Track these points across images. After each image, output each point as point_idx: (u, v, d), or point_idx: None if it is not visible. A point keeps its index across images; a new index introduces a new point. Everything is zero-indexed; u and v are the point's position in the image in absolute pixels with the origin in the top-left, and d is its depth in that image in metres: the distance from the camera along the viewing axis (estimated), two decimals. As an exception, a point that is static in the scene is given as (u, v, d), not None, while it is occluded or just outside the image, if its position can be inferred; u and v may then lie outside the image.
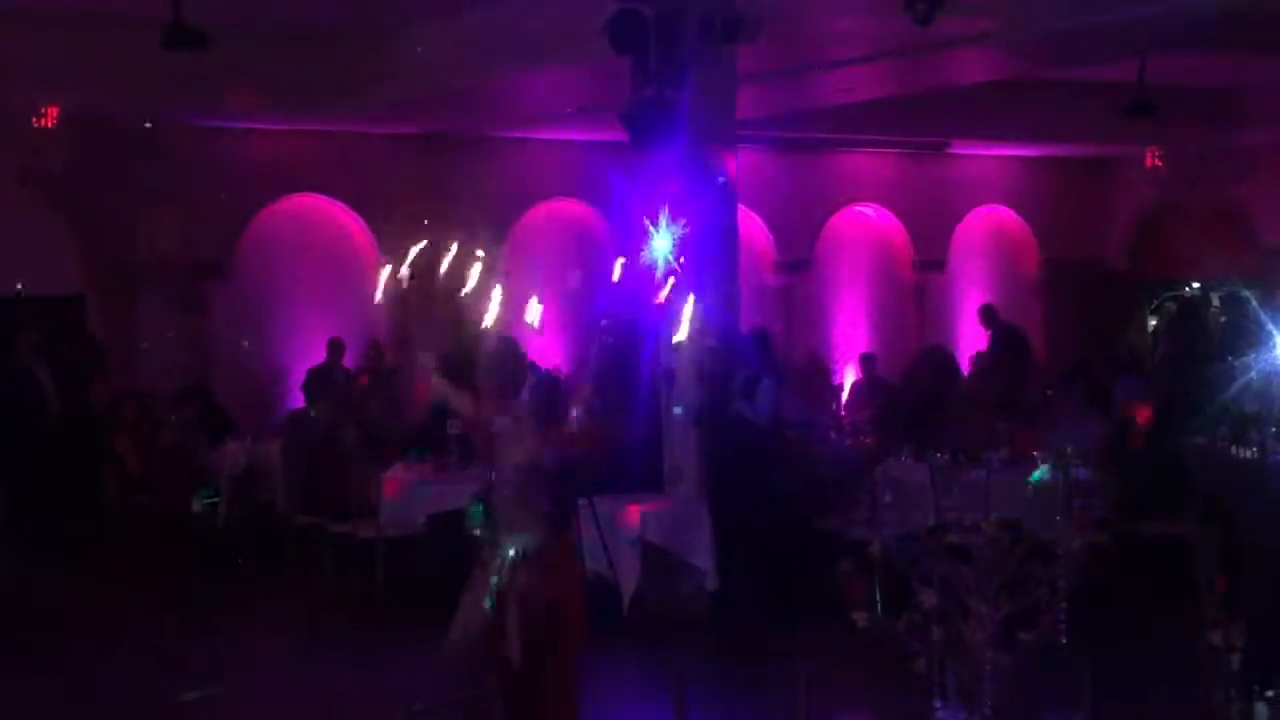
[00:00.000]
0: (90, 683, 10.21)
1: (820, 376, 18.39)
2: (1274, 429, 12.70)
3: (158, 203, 16.47)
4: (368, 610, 12.01)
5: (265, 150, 17.22)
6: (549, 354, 17.35)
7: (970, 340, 20.62)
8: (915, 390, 15.11)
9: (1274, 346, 14.58)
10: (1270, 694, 6.51)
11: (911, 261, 21.76)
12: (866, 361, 18.58)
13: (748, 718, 5.36)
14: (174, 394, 15.58)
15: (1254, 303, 18.79)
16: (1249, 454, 12.32)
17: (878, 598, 3.97)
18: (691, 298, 8.43)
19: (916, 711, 4.23)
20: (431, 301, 7.52)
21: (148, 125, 15.98)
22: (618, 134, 12.59)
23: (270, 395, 16.81)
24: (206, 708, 9.58)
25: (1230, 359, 14.65)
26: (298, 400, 16.15)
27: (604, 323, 11.46)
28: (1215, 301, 21.37)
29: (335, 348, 16.75)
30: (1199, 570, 8.31)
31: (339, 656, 11.00)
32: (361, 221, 18.00)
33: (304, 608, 12.62)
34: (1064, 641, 3.93)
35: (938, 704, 4.02)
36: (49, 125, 15.12)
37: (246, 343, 17.07)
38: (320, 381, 15.98)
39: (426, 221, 17.84)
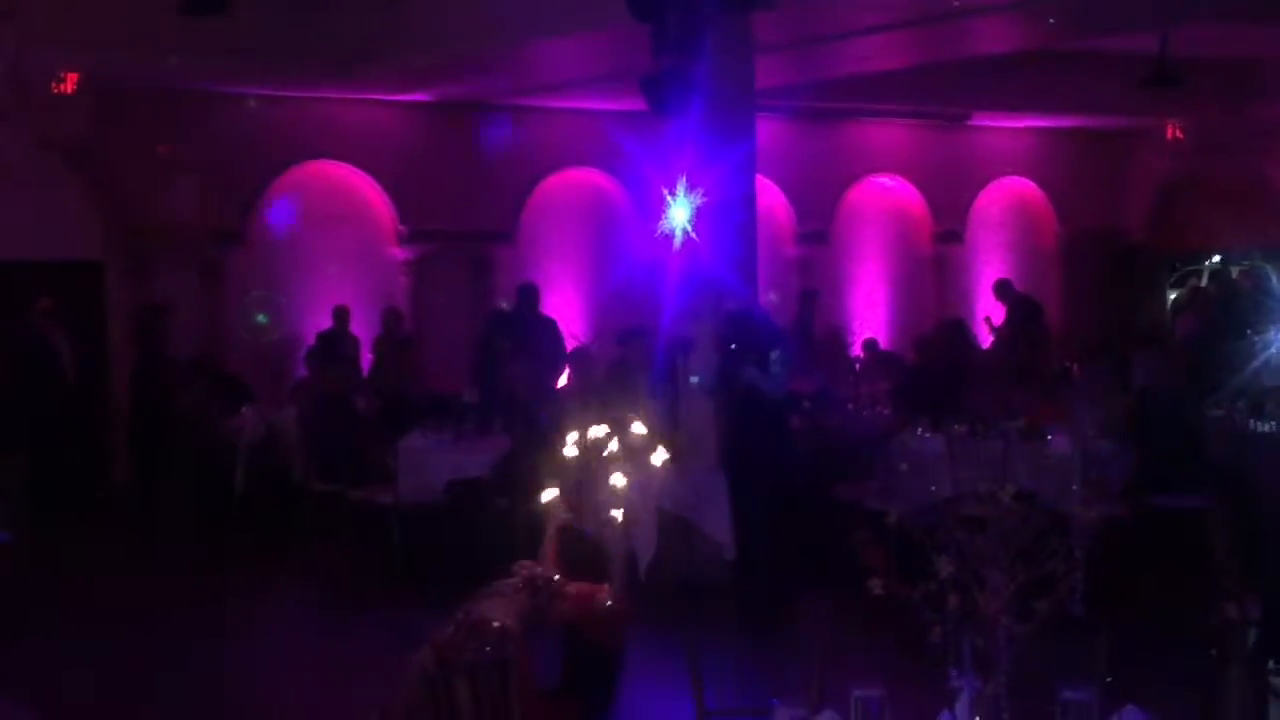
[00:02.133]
0: (107, 650, 10.25)
1: (837, 348, 18.37)
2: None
3: (175, 169, 16.49)
4: (385, 577, 12.04)
5: (283, 117, 17.23)
6: (573, 326, 17.38)
7: (988, 312, 20.57)
8: (932, 362, 15.11)
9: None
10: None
11: (931, 233, 21.71)
12: (868, 346, 18.36)
13: (763, 685, 5.37)
14: (190, 361, 15.65)
15: (1274, 276, 18.80)
16: (1267, 427, 12.32)
17: (893, 567, 3.96)
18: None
19: (931, 679, 4.23)
20: None
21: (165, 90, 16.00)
22: (636, 103, 12.56)
23: (287, 362, 16.83)
24: (223, 674, 9.63)
25: (1252, 333, 14.66)
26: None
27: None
28: (1235, 274, 21.32)
29: (340, 315, 16.75)
30: (1215, 543, 8.30)
31: (356, 624, 11.04)
32: (379, 189, 18.01)
33: (321, 575, 12.66)
34: (1079, 611, 3.93)
35: (953, 672, 4.02)
36: (68, 91, 15.12)
37: (261, 314, 17.09)
38: (324, 348, 16.00)
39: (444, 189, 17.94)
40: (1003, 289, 18.73)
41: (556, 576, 7.57)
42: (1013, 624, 3.88)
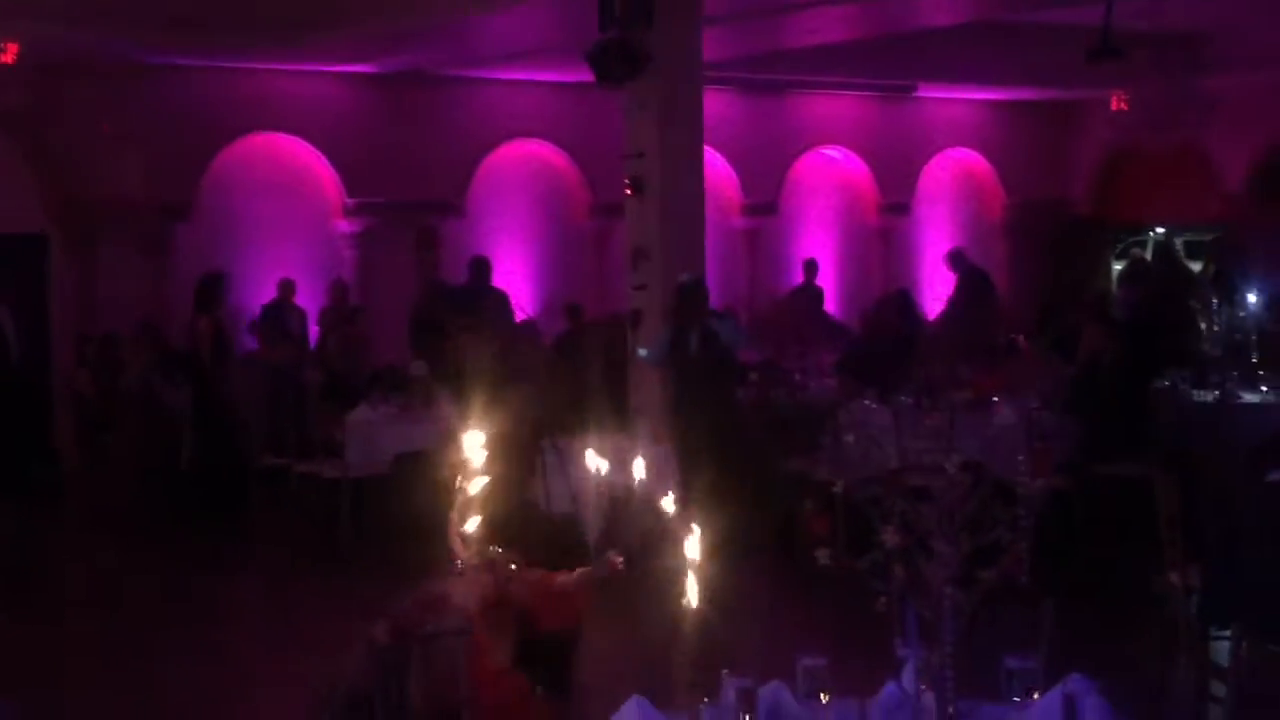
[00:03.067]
0: (52, 627, 10.18)
1: (784, 319, 18.41)
2: (1235, 373, 12.83)
3: (119, 142, 16.33)
4: (333, 550, 12.02)
5: (228, 89, 17.09)
6: (520, 298, 17.35)
7: (934, 283, 20.66)
8: (879, 333, 15.16)
9: (1236, 292, 14.69)
10: (1226, 635, 6.57)
11: (877, 205, 21.77)
12: (809, 267, 18.66)
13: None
14: (134, 335, 15.53)
15: (1215, 249, 18.91)
16: (1210, 398, 12.43)
17: (840, 537, 3.98)
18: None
19: (877, 649, 4.26)
20: None
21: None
22: (583, 74, 12.54)
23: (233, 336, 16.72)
24: (170, 648, 9.59)
25: (1195, 306, 14.77)
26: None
27: None
28: (1179, 247, 21.47)
29: (285, 288, 16.65)
30: (1158, 513, 8.38)
31: (304, 596, 11.01)
32: (325, 161, 17.90)
33: (269, 548, 12.62)
34: (1024, 580, 3.95)
35: (898, 641, 4.04)
36: (8, 62, 14.95)
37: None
38: (269, 321, 15.90)
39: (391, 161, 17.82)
40: (955, 258, 18.77)
41: (514, 563, 7.61)
42: (958, 594, 3.91)
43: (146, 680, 8.90)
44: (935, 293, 20.06)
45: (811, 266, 19.44)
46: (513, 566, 7.00)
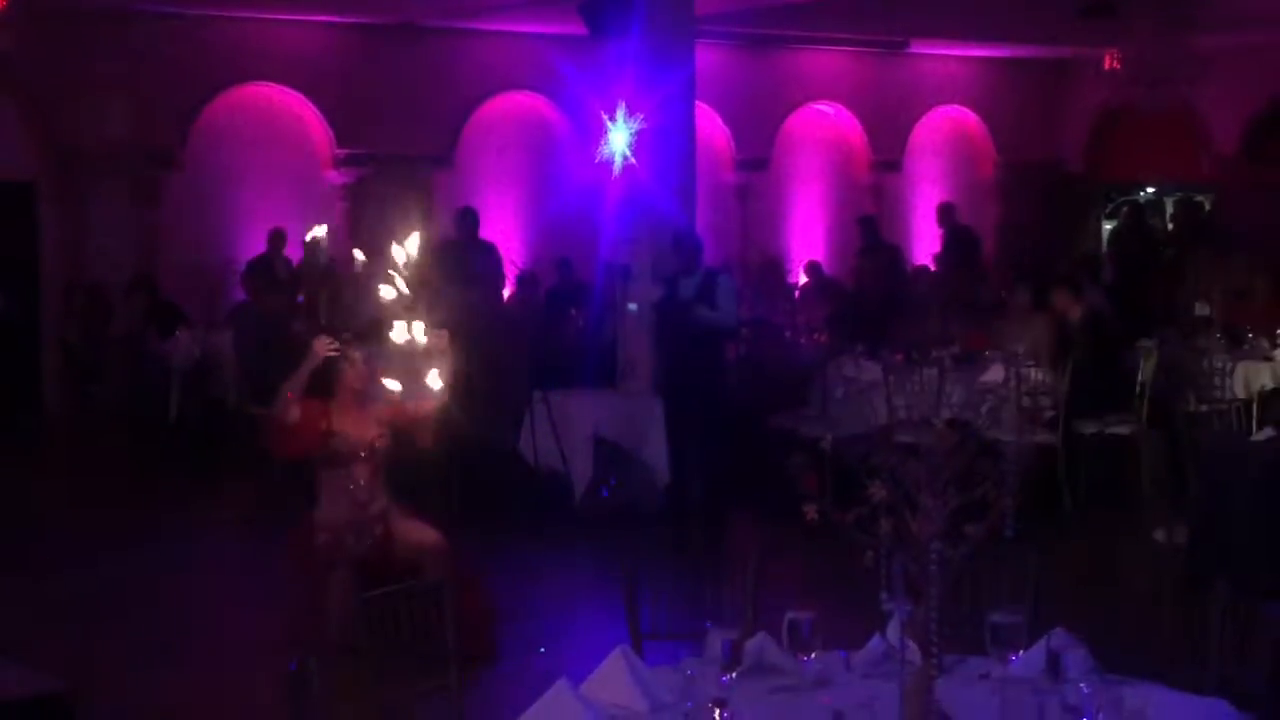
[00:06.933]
0: (39, 577, 10.17)
1: (775, 275, 18.41)
2: (1219, 334, 12.87)
3: (110, 90, 16.26)
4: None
5: (219, 38, 17.00)
6: (510, 249, 17.33)
7: (925, 241, 20.65)
8: (868, 290, 15.17)
9: (1225, 252, 14.69)
10: (1211, 591, 6.62)
11: (868, 161, 21.73)
12: (812, 269, 18.43)
13: (697, 609, 5.44)
14: (125, 284, 15.51)
15: (1206, 208, 18.92)
16: (1194, 356, 12.46)
17: (827, 492, 3.99)
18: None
19: (863, 603, 4.28)
20: None
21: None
22: (576, 27, 12.49)
23: (221, 287, 16.70)
24: (158, 600, 9.61)
25: (1184, 266, 14.80)
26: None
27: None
28: (1170, 207, 21.49)
29: (275, 238, 16.59)
30: (1144, 470, 8.42)
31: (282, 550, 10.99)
32: (316, 111, 17.84)
33: (256, 499, 12.60)
34: (1010, 535, 3.97)
35: (884, 595, 4.06)
36: (-1, 8, 14.87)
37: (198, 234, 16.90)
38: (260, 273, 15.88)
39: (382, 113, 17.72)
40: (945, 213, 18.73)
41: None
42: (944, 548, 3.92)
43: (125, 627, 8.91)
44: (926, 250, 20.05)
45: (869, 222, 18.99)
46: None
